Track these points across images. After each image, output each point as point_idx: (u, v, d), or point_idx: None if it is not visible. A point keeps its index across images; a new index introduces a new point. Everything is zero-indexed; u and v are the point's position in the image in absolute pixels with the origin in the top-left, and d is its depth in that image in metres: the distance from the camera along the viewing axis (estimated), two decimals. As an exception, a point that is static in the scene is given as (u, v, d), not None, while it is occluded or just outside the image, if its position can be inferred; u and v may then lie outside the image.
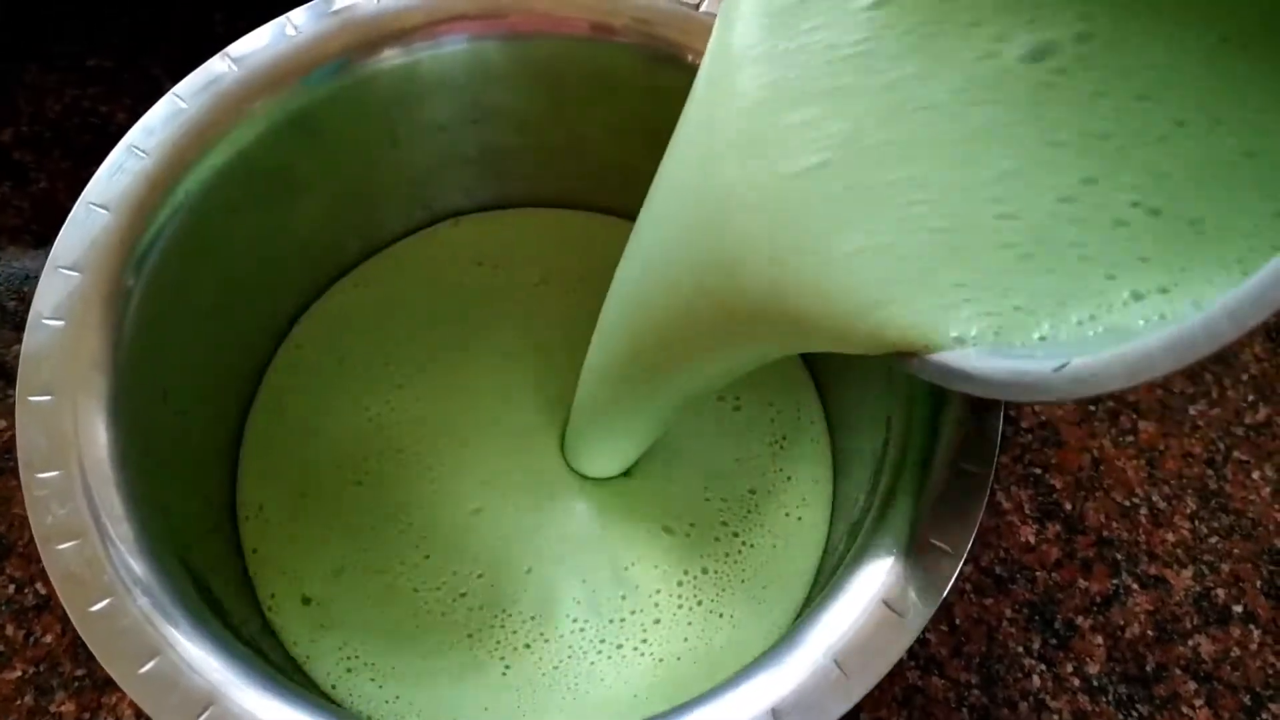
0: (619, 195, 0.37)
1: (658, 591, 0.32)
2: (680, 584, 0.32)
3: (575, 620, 0.32)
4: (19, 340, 0.25)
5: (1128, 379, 0.14)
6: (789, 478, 0.34)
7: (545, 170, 0.37)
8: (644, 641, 0.32)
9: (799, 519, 0.33)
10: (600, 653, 0.31)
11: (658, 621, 0.32)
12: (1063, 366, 0.15)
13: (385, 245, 0.38)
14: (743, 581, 0.32)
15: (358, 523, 0.33)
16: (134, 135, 0.27)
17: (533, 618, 0.32)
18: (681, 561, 0.33)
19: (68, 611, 0.22)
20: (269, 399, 0.35)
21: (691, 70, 0.23)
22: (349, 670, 0.30)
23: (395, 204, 0.36)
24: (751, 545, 0.33)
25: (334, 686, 0.30)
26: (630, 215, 0.37)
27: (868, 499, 0.27)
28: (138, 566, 0.23)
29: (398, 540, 0.33)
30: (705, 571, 0.33)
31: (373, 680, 0.30)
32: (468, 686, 0.31)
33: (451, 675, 0.31)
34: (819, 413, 0.36)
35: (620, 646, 0.31)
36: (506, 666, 0.31)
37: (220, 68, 0.28)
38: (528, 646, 0.31)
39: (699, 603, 0.32)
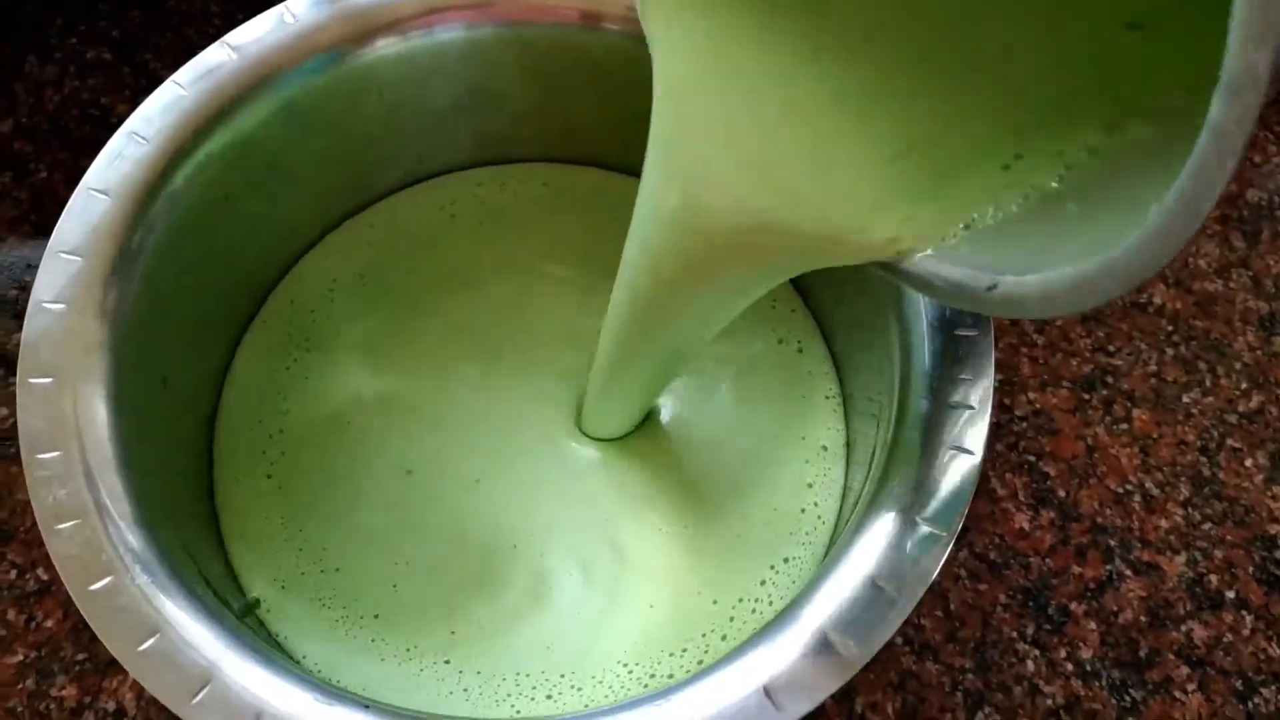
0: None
1: (740, 601, 0.29)
2: (763, 583, 0.29)
3: (625, 665, 0.27)
4: (20, 329, 0.25)
5: (1042, 309, 0.16)
6: (847, 442, 0.32)
7: (540, 158, 0.37)
8: (701, 660, 0.28)
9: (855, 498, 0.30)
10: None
11: (724, 638, 0.28)
12: (993, 287, 0.17)
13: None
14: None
15: (299, 514, 0.31)
16: (134, 122, 0.28)
17: (563, 675, 0.27)
18: (767, 556, 0.30)
19: (69, 591, 0.22)
20: (236, 371, 0.33)
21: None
22: None
23: (390, 190, 0.36)
24: (824, 520, 0.31)
25: None
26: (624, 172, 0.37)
27: (864, 477, 0.27)
28: (137, 545, 0.23)
29: (349, 546, 0.30)
30: (788, 561, 0.30)
31: None
32: None
33: None
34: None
35: (671, 676, 0.28)
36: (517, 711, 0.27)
37: (219, 56, 0.29)
38: (549, 697, 0.27)
39: (771, 603, 0.29)
